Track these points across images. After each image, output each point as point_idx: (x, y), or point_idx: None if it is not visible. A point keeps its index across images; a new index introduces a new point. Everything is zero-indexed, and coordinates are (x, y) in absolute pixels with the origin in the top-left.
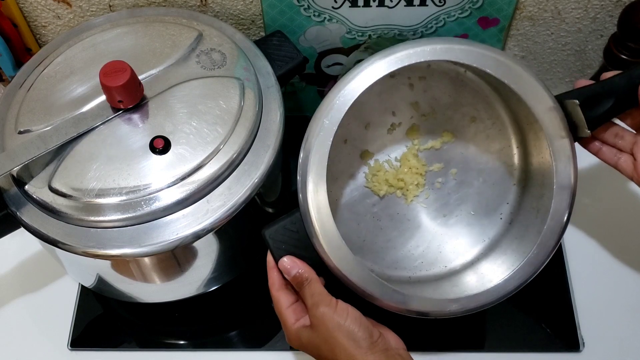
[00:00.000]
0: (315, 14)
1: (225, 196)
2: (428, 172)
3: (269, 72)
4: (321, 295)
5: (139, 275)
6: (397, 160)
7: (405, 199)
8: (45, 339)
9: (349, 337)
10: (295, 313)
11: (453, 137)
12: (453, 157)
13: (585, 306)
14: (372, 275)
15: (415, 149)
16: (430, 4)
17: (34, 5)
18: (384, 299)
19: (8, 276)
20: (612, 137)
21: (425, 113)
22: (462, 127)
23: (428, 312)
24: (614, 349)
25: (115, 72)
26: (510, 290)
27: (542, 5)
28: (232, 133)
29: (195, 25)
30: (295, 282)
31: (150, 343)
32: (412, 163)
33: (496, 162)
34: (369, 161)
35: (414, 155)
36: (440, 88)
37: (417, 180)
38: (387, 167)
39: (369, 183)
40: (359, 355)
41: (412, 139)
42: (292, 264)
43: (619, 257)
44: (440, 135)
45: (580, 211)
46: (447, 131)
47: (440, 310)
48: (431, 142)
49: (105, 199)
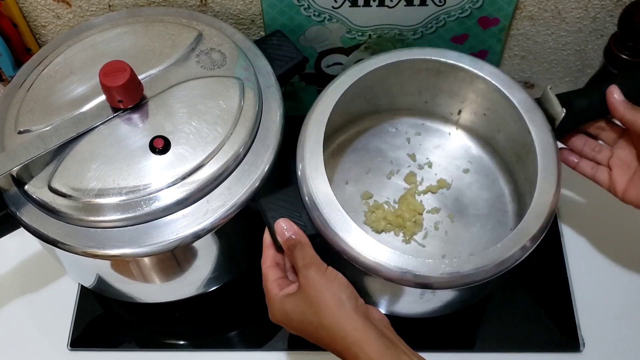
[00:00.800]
0: (315, 14)
1: (225, 196)
2: (426, 214)
3: (269, 72)
4: (312, 258)
5: (138, 275)
6: (395, 202)
7: (404, 238)
8: (45, 339)
9: (335, 298)
10: (280, 285)
11: (448, 184)
12: (450, 202)
13: (585, 306)
14: (371, 238)
15: (413, 191)
16: (430, 4)
17: (33, 5)
18: (383, 264)
19: (8, 276)
20: (590, 151)
21: (421, 164)
22: (457, 176)
23: (426, 275)
24: (614, 349)
25: (115, 72)
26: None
27: (542, 5)
28: (232, 133)
29: (195, 25)
30: (288, 245)
31: (150, 343)
32: (410, 201)
33: (492, 209)
34: (369, 200)
35: (412, 196)
36: (434, 142)
37: (414, 218)
38: (386, 207)
39: (368, 220)
40: (343, 315)
41: (410, 183)
42: (288, 225)
43: (619, 257)
44: (436, 182)
45: (580, 212)
46: (442, 179)
47: (439, 275)
48: (428, 186)
49: (105, 199)
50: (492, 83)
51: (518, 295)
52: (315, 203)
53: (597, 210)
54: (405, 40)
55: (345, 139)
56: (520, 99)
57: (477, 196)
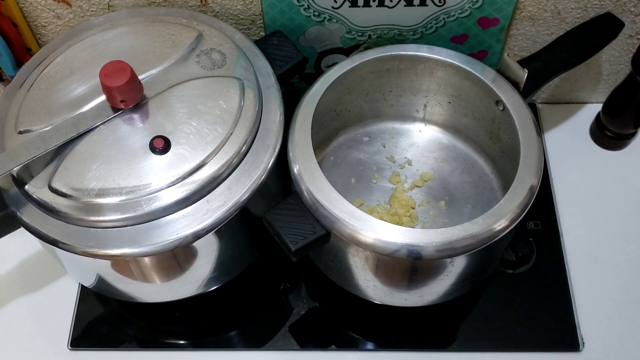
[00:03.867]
0: (315, 14)
1: (225, 196)
2: (418, 208)
3: (269, 72)
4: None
5: (139, 275)
6: (386, 203)
7: None
8: (45, 339)
9: None
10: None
11: (432, 176)
12: (437, 192)
13: (585, 306)
14: (387, 224)
15: (401, 189)
16: (430, 4)
17: (34, 5)
18: (411, 244)
19: (8, 276)
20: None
21: (401, 163)
22: (437, 168)
23: (420, 245)
24: (614, 349)
25: (115, 72)
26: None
27: (541, 5)
28: (232, 133)
29: (195, 25)
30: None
31: (150, 343)
32: (400, 198)
33: (478, 189)
34: (360, 207)
35: (401, 193)
36: (408, 141)
37: (409, 212)
38: (380, 210)
39: None
40: None
41: (395, 183)
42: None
43: (619, 257)
44: (420, 176)
45: (580, 211)
46: (425, 172)
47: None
48: (413, 182)
49: (105, 198)
50: (454, 64)
51: (518, 295)
52: (320, 203)
53: (597, 210)
54: (405, 41)
55: (324, 158)
56: (483, 70)
57: (461, 181)
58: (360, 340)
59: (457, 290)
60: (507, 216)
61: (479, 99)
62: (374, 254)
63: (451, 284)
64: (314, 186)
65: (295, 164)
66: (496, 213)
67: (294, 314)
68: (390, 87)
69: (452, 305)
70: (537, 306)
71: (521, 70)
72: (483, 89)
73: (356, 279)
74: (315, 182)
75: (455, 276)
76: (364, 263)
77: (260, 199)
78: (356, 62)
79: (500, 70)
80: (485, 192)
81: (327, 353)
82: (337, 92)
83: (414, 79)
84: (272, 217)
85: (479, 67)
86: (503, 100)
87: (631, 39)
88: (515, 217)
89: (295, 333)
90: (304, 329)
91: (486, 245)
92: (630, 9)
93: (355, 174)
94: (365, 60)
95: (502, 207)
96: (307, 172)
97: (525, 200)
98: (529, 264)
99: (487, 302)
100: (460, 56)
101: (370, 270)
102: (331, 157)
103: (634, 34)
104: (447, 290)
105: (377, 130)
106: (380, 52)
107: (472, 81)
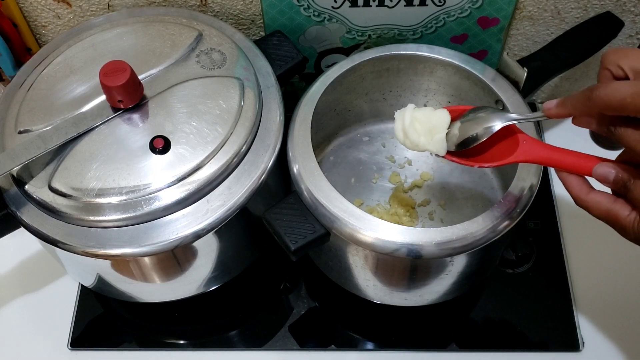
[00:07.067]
0: (315, 14)
1: (225, 196)
2: (418, 207)
3: (269, 71)
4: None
5: (139, 275)
6: (386, 202)
7: None
8: (45, 339)
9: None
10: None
11: (431, 176)
12: (437, 192)
13: (585, 306)
14: (386, 222)
15: (401, 189)
16: (430, 4)
17: (34, 5)
18: (410, 243)
19: (8, 276)
20: None
21: (401, 163)
22: (437, 167)
23: (420, 244)
24: (614, 349)
25: (115, 72)
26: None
27: (541, 5)
28: (232, 133)
29: (195, 25)
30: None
31: (150, 343)
32: (400, 198)
33: (478, 188)
34: (360, 207)
35: (401, 193)
36: None
37: (409, 212)
38: (380, 209)
39: None
40: None
41: (395, 182)
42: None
43: (619, 257)
44: (420, 176)
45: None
46: (424, 172)
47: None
48: (413, 182)
49: (105, 198)
50: (454, 64)
51: (518, 295)
52: (319, 202)
53: None
54: (405, 40)
55: (323, 157)
56: (483, 70)
57: (461, 181)
58: (360, 340)
59: (457, 290)
60: (507, 215)
61: (479, 99)
62: (374, 253)
63: (451, 283)
64: (313, 185)
65: (294, 164)
66: (496, 212)
67: (294, 313)
68: (390, 87)
69: (452, 305)
70: (537, 306)
71: (521, 70)
72: (483, 89)
73: (356, 279)
74: (315, 181)
75: (455, 275)
76: (363, 262)
77: (260, 198)
78: (356, 62)
79: (500, 70)
80: (485, 191)
81: (327, 353)
82: (337, 92)
83: (413, 78)
84: (271, 217)
85: (479, 67)
86: (503, 100)
87: (631, 39)
88: (515, 216)
89: (295, 333)
90: (303, 328)
91: (486, 244)
92: (630, 9)
93: (355, 174)
94: (365, 59)
95: (502, 206)
96: (306, 171)
97: (525, 199)
98: (529, 264)
99: (487, 302)
100: (460, 56)
101: (370, 270)
102: (331, 157)
103: (634, 34)
104: (447, 290)
105: (377, 130)
106: (380, 51)
107: (472, 80)
